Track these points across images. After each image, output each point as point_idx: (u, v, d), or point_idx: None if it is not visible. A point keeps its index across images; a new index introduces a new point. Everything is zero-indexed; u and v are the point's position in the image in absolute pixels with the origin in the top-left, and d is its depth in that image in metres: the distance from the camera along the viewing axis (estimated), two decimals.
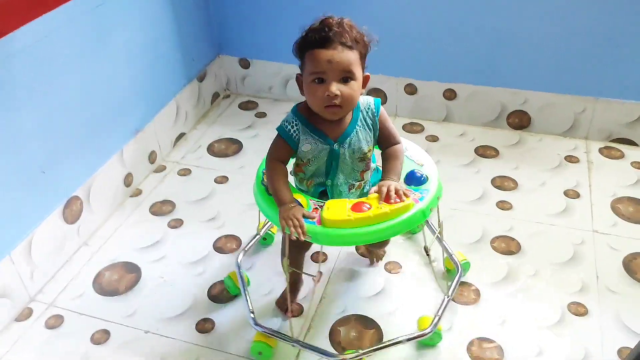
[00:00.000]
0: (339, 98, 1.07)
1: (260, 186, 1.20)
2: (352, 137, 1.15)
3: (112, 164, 1.71)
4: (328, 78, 1.07)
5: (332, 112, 1.10)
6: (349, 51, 1.07)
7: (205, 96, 2.17)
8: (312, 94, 1.09)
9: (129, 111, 1.77)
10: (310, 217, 1.09)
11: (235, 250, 1.59)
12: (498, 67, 1.90)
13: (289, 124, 1.16)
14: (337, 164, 1.16)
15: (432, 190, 1.17)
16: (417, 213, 1.11)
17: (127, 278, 1.52)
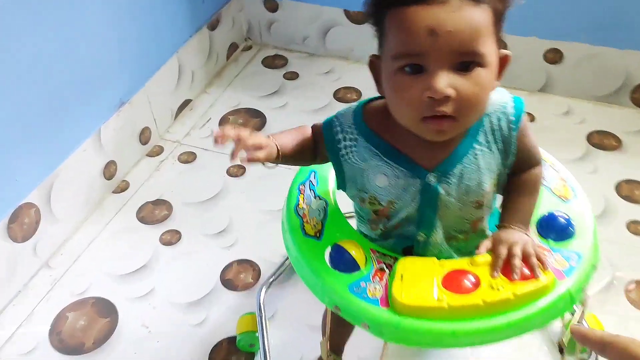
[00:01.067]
0: (450, 102, 0.56)
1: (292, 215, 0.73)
2: (465, 166, 0.65)
3: (83, 152, 1.23)
4: (431, 65, 0.56)
5: (436, 130, 0.59)
6: (474, 8, 0.55)
7: (219, 49, 1.65)
8: (399, 95, 0.59)
9: (110, 76, 1.27)
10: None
11: (251, 285, 1.12)
12: (626, 21, 1.34)
13: (340, 130, 0.67)
14: (436, 209, 0.67)
15: (586, 252, 0.68)
16: (561, 298, 0.63)
17: (98, 325, 1.08)
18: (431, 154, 0.64)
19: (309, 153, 0.71)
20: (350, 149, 0.66)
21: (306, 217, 0.73)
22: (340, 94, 1.57)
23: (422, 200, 0.66)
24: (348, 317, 0.65)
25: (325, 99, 1.56)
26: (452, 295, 0.61)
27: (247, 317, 1.02)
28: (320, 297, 0.67)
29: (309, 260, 0.68)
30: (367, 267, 0.66)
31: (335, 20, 1.63)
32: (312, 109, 1.53)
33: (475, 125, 0.64)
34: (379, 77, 0.63)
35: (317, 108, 1.53)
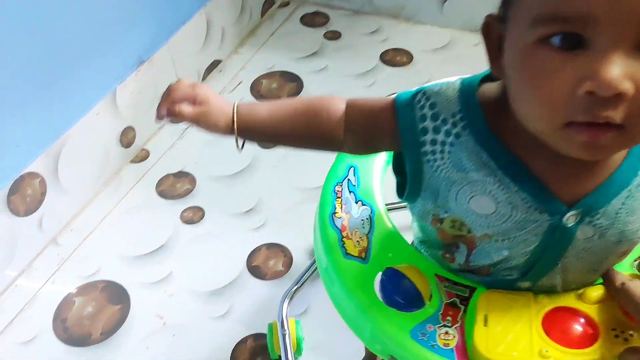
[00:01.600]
0: (622, 105, 0.34)
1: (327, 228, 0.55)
2: (624, 201, 0.43)
3: (97, 115, 1.09)
4: (600, 37, 0.34)
5: (590, 145, 0.37)
6: None
7: (253, 4, 1.48)
8: (536, 82, 0.37)
9: (128, 31, 1.12)
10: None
11: (281, 274, 0.97)
12: None
13: (434, 117, 0.45)
14: (559, 257, 0.46)
15: None
16: None
17: (107, 313, 0.94)
18: (575, 179, 0.43)
19: (318, 138, 0.50)
20: (445, 148, 0.44)
21: (346, 231, 0.55)
22: (388, 57, 1.38)
23: (544, 245, 0.45)
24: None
25: (371, 62, 1.37)
26: (560, 347, 0.44)
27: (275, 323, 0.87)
28: (369, 343, 0.51)
29: (353, 292, 0.50)
30: (435, 302, 0.49)
31: None
32: (356, 73, 1.35)
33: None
34: (499, 50, 0.40)
35: (362, 72, 1.35)
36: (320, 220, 0.57)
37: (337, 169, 0.61)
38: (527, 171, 0.43)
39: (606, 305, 0.46)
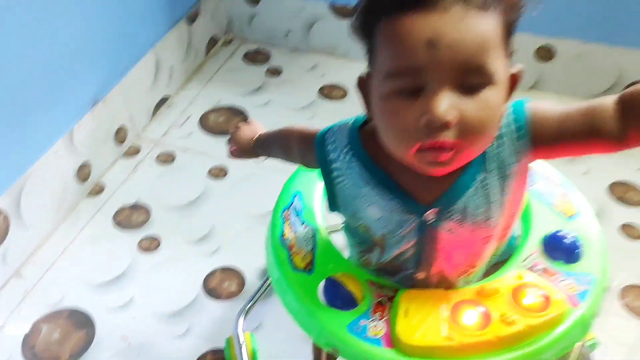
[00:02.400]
0: (452, 130, 0.48)
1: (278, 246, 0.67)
2: (468, 199, 0.57)
3: (55, 154, 1.16)
4: (429, 83, 0.48)
5: (434, 163, 0.51)
6: (480, 17, 0.47)
7: (197, 43, 1.58)
8: (391, 121, 0.51)
9: (83, 73, 1.20)
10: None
11: (235, 294, 1.07)
12: (620, 18, 1.31)
13: (334, 150, 0.60)
14: (433, 247, 0.60)
15: (598, 274, 0.64)
16: (575, 325, 0.59)
17: (73, 338, 1.02)
18: (430, 185, 0.56)
19: (298, 159, 0.68)
20: (345, 172, 0.60)
21: (294, 248, 0.67)
22: (325, 91, 1.52)
23: (420, 238, 0.59)
24: (347, 358, 0.60)
25: (310, 96, 1.50)
26: (463, 331, 0.57)
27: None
28: (316, 338, 0.62)
29: (301, 298, 0.62)
30: (366, 302, 0.61)
31: (319, 14, 1.57)
32: (297, 106, 1.47)
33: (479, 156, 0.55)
34: (369, 99, 0.55)
35: (302, 106, 1.47)
36: (272, 241, 0.68)
37: (284, 196, 0.73)
38: (396, 184, 0.57)
39: (498, 297, 0.59)
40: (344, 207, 0.62)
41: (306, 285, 0.63)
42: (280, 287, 0.65)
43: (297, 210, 0.72)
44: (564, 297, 0.60)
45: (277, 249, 0.67)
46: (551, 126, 0.54)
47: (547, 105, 0.55)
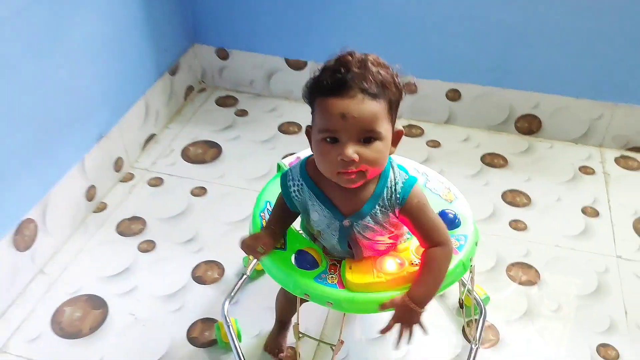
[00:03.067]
0: (356, 164, 0.81)
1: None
2: (369, 219, 0.89)
3: (71, 177, 1.47)
4: (343, 138, 0.80)
5: (347, 180, 0.83)
6: (373, 101, 0.79)
7: (178, 91, 1.93)
8: (322, 156, 0.83)
9: (92, 114, 1.52)
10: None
11: (217, 280, 1.38)
12: (509, 67, 1.72)
13: (290, 180, 0.93)
14: (355, 241, 0.93)
15: (470, 235, 0.99)
16: (457, 266, 0.93)
17: (91, 315, 1.31)
18: (349, 204, 0.88)
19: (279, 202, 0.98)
20: (299, 193, 0.92)
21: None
22: (283, 128, 1.87)
23: (341, 235, 0.91)
24: (316, 300, 0.91)
25: (271, 132, 1.86)
26: (386, 274, 0.90)
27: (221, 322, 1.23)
28: (293, 290, 0.93)
29: (280, 265, 0.93)
30: (324, 264, 0.94)
31: (277, 67, 1.94)
32: (261, 140, 1.82)
33: (379, 187, 0.87)
34: (312, 142, 0.87)
35: (265, 139, 1.82)
36: (255, 229, 1.00)
37: (258, 203, 1.06)
38: (327, 198, 0.89)
39: (407, 252, 0.93)
40: (303, 215, 0.95)
41: (283, 258, 0.94)
42: (265, 263, 0.96)
43: (270, 212, 1.03)
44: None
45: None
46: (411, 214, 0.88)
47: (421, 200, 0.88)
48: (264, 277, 1.38)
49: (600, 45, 1.60)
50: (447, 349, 1.23)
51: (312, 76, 0.85)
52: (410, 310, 0.87)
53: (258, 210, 1.05)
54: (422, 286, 0.88)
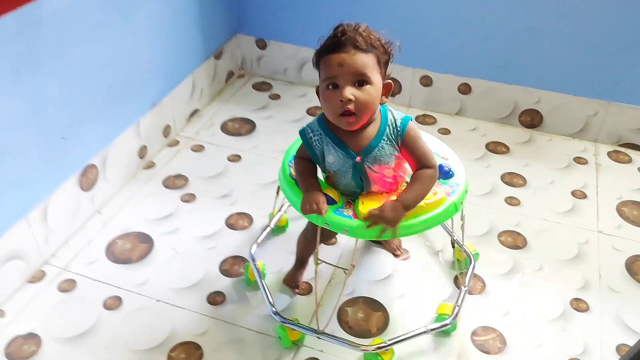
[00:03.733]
0: (352, 103, 1.03)
1: (288, 178, 1.21)
2: (377, 151, 1.10)
3: (128, 135, 1.72)
4: (341, 82, 1.03)
5: (347, 122, 1.05)
6: (363, 54, 1.03)
7: (220, 74, 2.19)
8: (327, 101, 1.06)
9: (148, 84, 1.78)
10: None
11: (247, 228, 1.61)
12: (515, 65, 1.93)
13: (311, 131, 1.15)
14: (366, 177, 1.13)
15: (462, 183, 1.20)
16: (450, 206, 1.14)
17: (139, 248, 1.55)
18: (358, 143, 1.10)
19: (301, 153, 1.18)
20: (319, 141, 1.13)
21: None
22: (311, 111, 2.11)
23: (354, 171, 1.12)
24: (334, 228, 1.09)
25: (300, 114, 2.09)
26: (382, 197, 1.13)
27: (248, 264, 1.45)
28: (315, 220, 1.12)
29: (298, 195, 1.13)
30: (341, 202, 1.15)
31: (309, 57, 2.17)
32: (291, 119, 2.06)
33: (382, 127, 1.09)
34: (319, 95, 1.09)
35: (294, 119, 2.06)
36: (284, 176, 1.21)
37: (287, 157, 1.27)
38: (340, 140, 1.10)
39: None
40: (325, 162, 1.14)
41: None
42: (292, 199, 1.18)
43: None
44: (444, 193, 1.16)
45: (288, 180, 1.21)
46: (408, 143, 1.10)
47: (416, 132, 1.10)
48: (284, 232, 1.60)
49: (596, 48, 1.81)
50: (440, 294, 1.44)
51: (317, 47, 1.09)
52: (395, 209, 1.05)
53: (287, 160, 1.27)
54: (410, 193, 1.09)
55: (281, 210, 1.55)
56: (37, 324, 1.34)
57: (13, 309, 1.37)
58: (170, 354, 1.28)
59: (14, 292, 1.41)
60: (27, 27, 1.28)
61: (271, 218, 1.57)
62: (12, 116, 1.30)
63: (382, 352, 1.24)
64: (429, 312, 1.38)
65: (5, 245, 1.36)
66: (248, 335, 1.33)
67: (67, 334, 1.32)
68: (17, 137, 1.33)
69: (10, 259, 1.38)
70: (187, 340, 1.31)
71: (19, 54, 1.28)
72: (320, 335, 1.26)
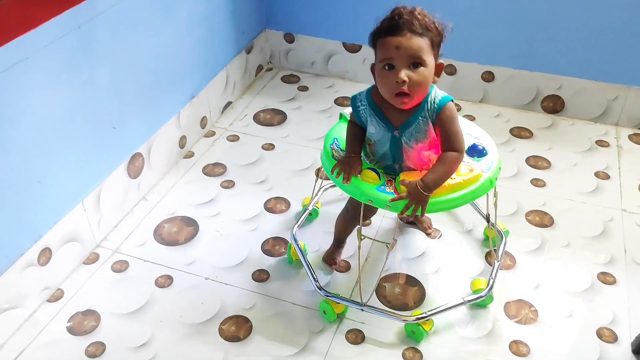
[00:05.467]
0: (407, 84, 1.10)
1: (332, 160, 1.27)
2: (414, 127, 1.17)
3: (170, 126, 1.81)
4: (397, 64, 1.10)
5: (401, 102, 1.13)
6: (418, 37, 1.09)
7: (251, 68, 2.27)
8: (382, 81, 1.13)
9: (187, 77, 1.87)
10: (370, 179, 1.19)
11: (284, 211, 1.70)
12: (536, 52, 1.99)
13: (359, 100, 1.23)
14: (401, 149, 1.20)
15: (495, 160, 1.27)
16: (486, 182, 1.21)
17: (185, 230, 1.63)
18: (398, 118, 1.17)
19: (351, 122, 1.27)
20: (364, 110, 1.22)
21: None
22: (339, 101, 2.19)
23: (391, 144, 1.20)
24: (377, 204, 1.17)
25: (328, 104, 2.17)
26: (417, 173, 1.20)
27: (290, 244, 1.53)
28: (360, 197, 1.19)
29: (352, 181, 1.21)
30: (382, 180, 1.22)
31: (335, 50, 2.26)
32: (319, 110, 2.14)
33: (422, 104, 1.15)
34: (374, 73, 1.16)
35: (323, 109, 2.14)
36: (327, 158, 1.28)
37: (328, 139, 1.34)
38: (383, 115, 1.19)
39: None
40: (367, 131, 1.22)
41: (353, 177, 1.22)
42: (337, 179, 1.24)
43: (337, 145, 1.33)
44: (479, 169, 1.23)
45: (331, 161, 1.28)
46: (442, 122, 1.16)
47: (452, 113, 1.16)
48: (317, 216, 1.67)
49: (614, 33, 1.87)
50: (472, 269, 1.51)
51: (375, 26, 1.16)
52: (419, 192, 1.13)
53: (329, 142, 1.34)
54: (434, 174, 1.15)
55: (318, 195, 1.63)
56: (94, 301, 1.43)
57: (71, 288, 1.47)
58: (222, 326, 1.37)
59: (71, 272, 1.50)
60: (83, 23, 1.37)
61: (306, 204, 1.64)
62: (69, 106, 1.39)
63: (422, 322, 1.31)
64: (463, 286, 1.46)
65: (63, 227, 1.45)
66: (293, 309, 1.41)
67: (123, 310, 1.41)
68: (73, 126, 1.42)
69: (67, 242, 1.47)
70: (236, 314, 1.40)
71: (76, 49, 1.37)
72: (363, 308, 1.34)
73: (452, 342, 1.34)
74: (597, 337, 1.35)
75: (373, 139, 1.23)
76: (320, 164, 1.82)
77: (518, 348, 1.32)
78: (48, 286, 1.44)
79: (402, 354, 1.31)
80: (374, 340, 1.34)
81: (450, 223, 1.65)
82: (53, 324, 1.38)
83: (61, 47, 1.32)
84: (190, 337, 1.35)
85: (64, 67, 1.35)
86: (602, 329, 1.36)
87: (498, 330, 1.36)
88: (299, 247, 1.48)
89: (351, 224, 1.44)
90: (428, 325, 1.33)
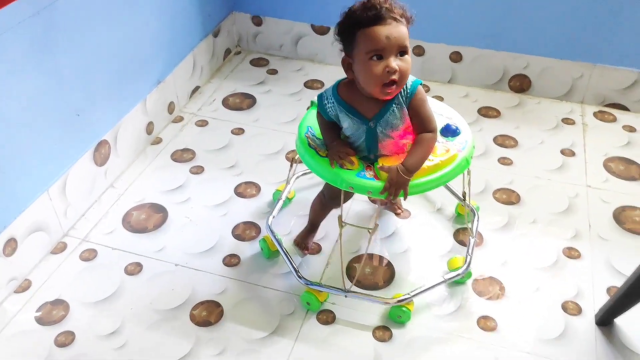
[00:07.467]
0: (397, 73, 1.10)
1: (308, 149, 1.27)
2: (388, 116, 1.17)
3: (136, 112, 1.79)
4: (386, 54, 1.09)
5: (388, 92, 1.12)
6: (401, 25, 1.10)
7: (219, 52, 2.25)
8: (370, 72, 1.10)
9: (152, 62, 1.84)
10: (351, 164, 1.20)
11: (255, 196, 1.69)
12: (503, 32, 2.01)
13: (325, 98, 1.22)
14: (377, 140, 1.20)
15: (469, 139, 1.28)
16: (462, 161, 1.22)
17: (154, 217, 1.62)
18: (371, 109, 1.17)
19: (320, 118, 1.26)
20: (331, 106, 1.21)
21: (317, 149, 1.26)
22: (308, 84, 2.18)
23: (367, 135, 1.19)
24: (358, 190, 1.17)
25: (297, 87, 2.16)
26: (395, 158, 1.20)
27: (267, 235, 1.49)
28: (339, 185, 1.19)
29: (328, 168, 1.20)
30: (361, 166, 1.21)
31: (304, 32, 2.25)
32: (289, 93, 2.13)
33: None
34: (348, 68, 1.15)
35: (292, 93, 2.13)
36: (303, 147, 1.27)
37: (302, 127, 1.33)
38: (352, 108, 1.18)
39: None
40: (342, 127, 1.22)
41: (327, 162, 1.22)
42: (315, 167, 1.24)
43: (312, 133, 1.32)
44: (455, 149, 1.24)
45: (308, 150, 1.26)
46: (415, 106, 1.17)
47: (423, 96, 1.17)
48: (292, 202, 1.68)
49: (580, 12, 1.89)
50: (441, 247, 1.53)
51: (345, 16, 1.14)
52: (401, 176, 1.14)
53: (303, 131, 1.33)
54: (414, 157, 1.16)
55: (290, 183, 1.61)
56: (63, 291, 1.42)
57: (39, 278, 1.45)
58: (193, 312, 1.37)
59: (39, 262, 1.48)
60: (41, 9, 1.34)
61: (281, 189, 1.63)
62: (33, 93, 1.37)
63: (404, 303, 1.33)
64: (434, 264, 1.48)
65: (29, 217, 1.43)
66: (264, 292, 1.41)
67: (93, 298, 1.40)
68: (36, 114, 1.39)
69: (33, 231, 1.45)
70: (207, 299, 1.40)
71: (38, 35, 1.34)
72: (347, 294, 1.35)
73: (422, 320, 1.36)
74: (563, 310, 1.38)
75: (348, 133, 1.23)
76: (291, 147, 1.84)
77: (486, 323, 1.35)
78: (15, 277, 1.42)
79: (372, 332, 1.33)
80: (345, 321, 1.36)
81: (420, 203, 1.66)
82: (21, 314, 1.36)
83: (21, 34, 1.29)
84: (161, 323, 1.34)
85: (25, 54, 1.32)
86: (567, 303, 1.39)
87: (467, 307, 1.39)
88: (276, 239, 1.46)
89: (328, 208, 1.44)
90: (411, 305, 1.35)
